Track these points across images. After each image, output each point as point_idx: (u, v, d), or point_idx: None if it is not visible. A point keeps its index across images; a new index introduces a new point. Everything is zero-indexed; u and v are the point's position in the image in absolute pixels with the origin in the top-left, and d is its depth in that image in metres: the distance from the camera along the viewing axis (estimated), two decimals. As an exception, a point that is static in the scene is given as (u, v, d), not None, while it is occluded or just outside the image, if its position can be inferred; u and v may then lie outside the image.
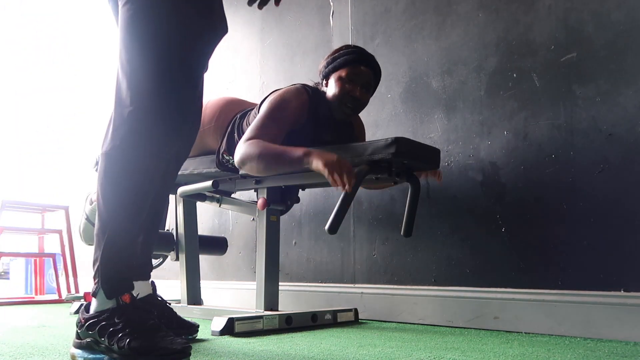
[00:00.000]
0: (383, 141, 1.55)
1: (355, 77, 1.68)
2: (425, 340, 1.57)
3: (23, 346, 1.41)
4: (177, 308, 2.29)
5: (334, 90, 1.69)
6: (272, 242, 1.97)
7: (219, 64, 3.03)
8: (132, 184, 1.21)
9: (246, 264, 2.70)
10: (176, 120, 1.22)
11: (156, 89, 1.18)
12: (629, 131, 1.60)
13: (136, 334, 1.13)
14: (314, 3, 2.57)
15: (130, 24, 1.21)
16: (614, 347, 1.42)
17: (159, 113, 1.19)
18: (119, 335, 1.13)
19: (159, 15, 1.20)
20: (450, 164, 1.99)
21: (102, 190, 1.21)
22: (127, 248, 1.23)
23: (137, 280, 1.29)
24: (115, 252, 1.20)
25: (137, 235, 1.26)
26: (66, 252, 3.41)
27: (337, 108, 1.71)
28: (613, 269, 1.59)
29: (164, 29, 1.20)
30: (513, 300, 1.77)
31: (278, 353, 1.32)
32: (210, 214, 2.92)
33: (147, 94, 1.18)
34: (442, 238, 1.98)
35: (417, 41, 2.14)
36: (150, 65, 1.19)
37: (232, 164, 1.90)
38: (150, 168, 1.22)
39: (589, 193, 1.66)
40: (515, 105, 1.84)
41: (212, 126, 1.94)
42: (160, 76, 1.19)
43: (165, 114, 1.19)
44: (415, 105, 2.12)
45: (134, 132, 1.18)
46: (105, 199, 1.21)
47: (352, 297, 2.21)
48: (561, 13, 1.77)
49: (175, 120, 1.21)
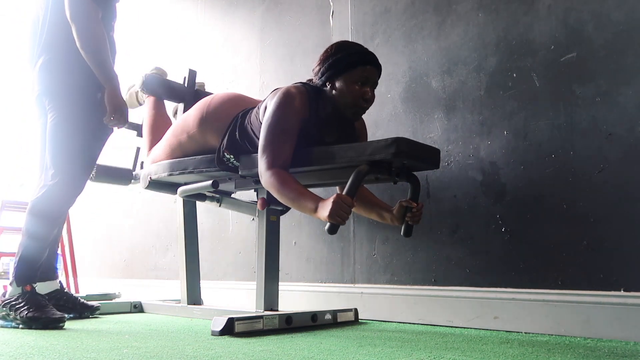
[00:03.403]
0: (383, 141, 1.55)
1: (365, 78, 1.69)
2: (425, 340, 1.57)
3: (23, 346, 1.41)
4: (177, 308, 2.30)
5: (345, 93, 1.69)
6: (272, 242, 1.97)
7: (219, 64, 3.03)
8: (48, 222, 1.97)
9: (246, 264, 2.70)
10: (79, 189, 2.02)
11: (72, 172, 1.98)
12: (629, 131, 1.60)
13: (31, 309, 1.83)
14: (314, 3, 2.57)
15: (54, 129, 1.97)
16: (614, 347, 1.42)
17: (71, 187, 1.98)
18: (21, 310, 1.84)
19: (75, 125, 1.98)
20: (450, 164, 1.99)
21: (26, 223, 1.95)
22: (35, 260, 1.95)
23: (45, 280, 2.09)
24: (25, 261, 1.93)
25: (44, 252, 2.00)
26: (66, 252, 3.41)
27: (349, 109, 1.71)
28: (613, 269, 1.59)
29: (79, 136, 1.98)
30: (513, 300, 1.77)
31: (278, 353, 1.32)
32: (210, 213, 2.92)
33: (65, 174, 1.96)
34: (442, 238, 1.98)
35: (417, 41, 2.14)
36: (69, 158, 1.97)
37: (233, 162, 1.90)
38: (60, 215, 2.04)
39: (589, 193, 1.66)
40: (515, 105, 1.84)
41: (214, 124, 1.94)
42: (75, 166, 1.98)
43: (75, 187, 2.00)
44: (415, 105, 2.12)
45: (54, 195, 1.95)
46: (28, 229, 1.94)
47: (352, 297, 2.21)
48: (561, 13, 1.77)
49: (79, 189, 2.02)
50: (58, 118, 1.96)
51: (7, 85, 5.41)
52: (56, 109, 1.97)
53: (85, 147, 2.01)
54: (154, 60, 3.48)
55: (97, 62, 1.92)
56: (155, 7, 3.71)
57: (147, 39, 3.72)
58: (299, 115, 1.69)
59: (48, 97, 1.99)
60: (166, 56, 3.45)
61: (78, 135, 1.98)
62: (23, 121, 5.21)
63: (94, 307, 2.24)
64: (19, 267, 1.92)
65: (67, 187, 1.97)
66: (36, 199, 1.96)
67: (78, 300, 2.22)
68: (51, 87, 1.98)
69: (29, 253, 1.94)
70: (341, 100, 1.70)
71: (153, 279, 3.29)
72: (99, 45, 1.91)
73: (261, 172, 1.68)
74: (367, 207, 1.89)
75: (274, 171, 1.64)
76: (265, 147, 1.68)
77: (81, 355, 1.27)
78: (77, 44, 1.91)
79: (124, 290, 3.25)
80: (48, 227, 1.98)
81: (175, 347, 1.40)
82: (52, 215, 1.99)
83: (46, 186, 1.96)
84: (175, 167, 2.06)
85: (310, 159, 1.70)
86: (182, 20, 3.40)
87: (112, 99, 1.95)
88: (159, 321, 2.07)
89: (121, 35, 2.29)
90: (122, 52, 2.24)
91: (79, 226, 3.77)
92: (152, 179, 2.17)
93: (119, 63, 2.21)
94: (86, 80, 1.97)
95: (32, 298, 1.87)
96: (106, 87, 1.95)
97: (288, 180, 1.62)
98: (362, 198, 1.89)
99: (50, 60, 1.99)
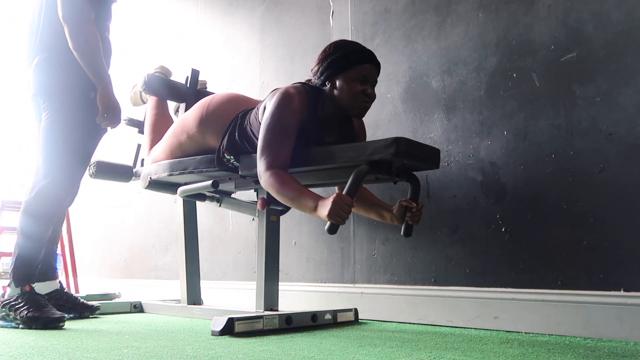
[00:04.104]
0: (383, 141, 1.55)
1: (364, 77, 1.69)
2: (425, 340, 1.57)
3: (23, 346, 1.41)
4: (177, 308, 2.30)
5: (346, 91, 1.69)
6: (272, 242, 1.97)
7: (219, 64, 3.03)
8: (42, 222, 1.98)
9: (246, 264, 2.70)
10: (72, 188, 2.04)
11: (64, 171, 1.99)
12: (629, 131, 1.60)
13: (31, 309, 1.84)
14: (314, 3, 2.57)
15: (47, 127, 1.98)
16: (614, 347, 1.42)
17: (63, 186, 2.00)
18: (20, 310, 1.85)
19: (68, 125, 1.98)
20: (450, 164, 1.99)
21: (21, 223, 1.97)
22: (31, 260, 1.97)
23: (44, 281, 2.09)
24: (22, 261, 1.94)
25: (41, 252, 2.01)
26: (66, 253, 3.41)
27: (353, 106, 1.71)
28: (613, 269, 1.59)
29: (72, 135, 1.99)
30: (513, 300, 1.77)
31: (278, 353, 1.32)
32: (210, 213, 2.92)
33: (58, 173, 1.97)
34: (442, 238, 1.98)
35: (417, 41, 2.14)
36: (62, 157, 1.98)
37: (233, 163, 1.90)
38: (55, 214, 2.05)
39: (589, 193, 1.66)
40: (515, 105, 1.84)
41: (214, 124, 1.94)
42: (68, 165, 2.00)
43: (68, 186, 2.01)
44: (415, 105, 2.12)
45: (47, 195, 1.96)
46: (22, 229, 1.96)
47: (352, 297, 2.21)
48: (561, 13, 1.77)
49: (72, 188, 2.04)
50: (52, 117, 1.97)
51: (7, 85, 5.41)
52: (50, 108, 1.98)
53: (78, 146, 2.02)
54: (157, 59, 3.49)
55: (89, 63, 1.93)
56: (155, 7, 3.71)
57: (147, 39, 3.72)
58: (297, 116, 1.69)
59: (42, 96, 1.99)
60: (166, 56, 3.45)
61: (71, 134, 1.99)
62: (23, 121, 5.21)
63: (94, 307, 2.25)
64: (17, 268, 1.94)
65: (59, 187, 1.98)
66: (29, 199, 1.97)
67: (78, 300, 2.23)
68: (46, 86, 1.99)
69: (25, 253, 1.95)
70: (343, 99, 1.70)
71: (153, 279, 3.29)
72: (91, 46, 1.92)
73: (260, 173, 1.67)
74: (367, 207, 1.89)
75: (273, 171, 1.64)
76: (264, 147, 1.68)
77: (81, 355, 1.27)
78: (69, 44, 1.92)
79: (124, 290, 3.25)
80: (43, 227, 1.99)
81: (175, 347, 1.40)
82: (46, 215, 1.99)
83: (39, 186, 1.97)
84: (175, 167, 2.06)
85: (310, 159, 1.70)
86: (182, 20, 3.40)
87: (105, 99, 1.96)
88: (159, 321, 2.07)
89: (121, 35, 2.29)
90: (122, 52, 2.24)
91: (79, 226, 3.77)
92: (152, 179, 2.17)
93: (115, 63, 2.21)
94: (80, 80, 1.98)
95: (31, 298, 1.88)
96: (98, 87, 1.96)
97: (287, 180, 1.62)
98: (362, 198, 1.89)
99: (46, 59, 1.99)
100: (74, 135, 1.99)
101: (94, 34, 1.94)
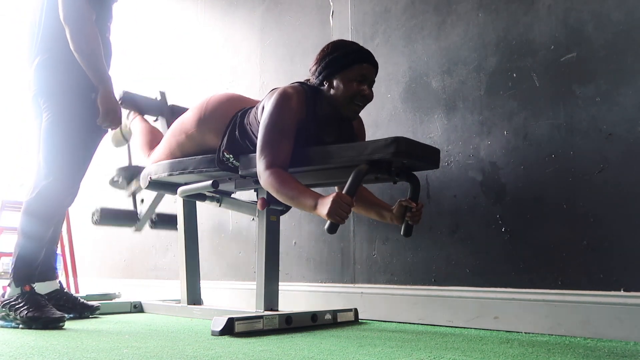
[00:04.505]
0: (383, 141, 1.55)
1: (362, 76, 1.69)
2: (425, 340, 1.57)
3: (23, 346, 1.41)
4: (177, 308, 2.30)
5: (343, 91, 1.69)
6: (272, 242, 1.97)
7: (219, 64, 3.03)
8: (43, 222, 1.99)
9: (246, 264, 2.70)
10: (73, 188, 2.04)
11: (65, 172, 1.99)
12: (629, 131, 1.60)
13: (31, 309, 1.84)
14: (314, 3, 2.57)
15: (48, 128, 1.98)
16: (614, 347, 1.42)
17: (64, 186, 2.00)
18: (20, 310, 1.85)
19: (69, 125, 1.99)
20: (450, 164, 1.99)
21: (21, 223, 1.98)
22: (32, 260, 1.98)
23: (44, 281, 2.09)
24: (22, 261, 1.95)
25: (41, 252, 2.01)
26: (66, 252, 3.41)
27: (347, 107, 1.71)
28: (613, 269, 1.59)
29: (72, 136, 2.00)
30: (513, 300, 1.77)
31: (278, 353, 1.32)
32: (210, 213, 2.92)
33: (58, 173, 1.97)
34: (442, 238, 1.98)
35: (417, 41, 2.14)
36: (62, 158, 1.99)
37: (233, 162, 1.90)
38: (55, 215, 2.06)
39: (589, 193, 1.66)
40: (515, 105, 1.84)
41: (212, 124, 1.94)
42: (68, 165, 2.00)
43: (69, 186, 2.02)
44: (415, 105, 2.12)
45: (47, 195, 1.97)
46: (23, 229, 1.97)
47: (352, 297, 2.21)
48: (561, 13, 1.77)
49: (72, 188, 2.04)
50: (52, 117, 1.98)
51: (7, 85, 5.41)
52: (50, 109, 1.98)
53: (78, 146, 2.02)
54: (157, 59, 3.49)
55: (90, 64, 1.94)
56: (155, 7, 3.71)
57: (147, 39, 3.72)
58: (296, 115, 1.69)
59: (43, 97, 2.00)
60: (166, 56, 3.45)
61: (72, 134, 1.99)
62: (23, 121, 5.21)
63: (94, 307, 2.25)
64: (17, 268, 1.94)
65: (60, 187, 1.99)
66: (30, 199, 1.98)
67: (78, 300, 2.23)
68: (46, 86, 2.00)
69: (25, 253, 1.96)
70: (339, 99, 1.70)
71: (153, 279, 3.29)
72: (92, 47, 1.93)
73: (260, 173, 1.67)
74: (367, 207, 1.89)
75: (273, 171, 1.64)
76: (263, 147, 1.68)
77: (81, 355, 1.27)
78: (70, 45, 1.92)
79: (124, 290, 3.25)
80: (43, 227, 2.00)
81: (175, 347, 1.40)
82: (47, 215, 2.00)
83: (39, 186, 1.98)
84: (175, 167, 2.06)
85: (310, 159, 1.70)
86: (182, 20, 3.40)
87: (105, 100, 1.97)
88: (159, 321, 2.07)
89: (120, 35, 2.29)
90: (121, 52, 2.24)
91: (79, 226, 3.77)
92: (152, 179, 2.17)
93: (116, 64, 2.22)
94: (81, 81, 1.98)
95: (31, 298, 1.89)
96: (99, 88, 1.96)
97: (287, 179, 1.62)
98: (362, 197, 1.89)
99: (47, 60, 2.00)
100: (74, 135, 2.00)
101: (94, 35, 1.94)
